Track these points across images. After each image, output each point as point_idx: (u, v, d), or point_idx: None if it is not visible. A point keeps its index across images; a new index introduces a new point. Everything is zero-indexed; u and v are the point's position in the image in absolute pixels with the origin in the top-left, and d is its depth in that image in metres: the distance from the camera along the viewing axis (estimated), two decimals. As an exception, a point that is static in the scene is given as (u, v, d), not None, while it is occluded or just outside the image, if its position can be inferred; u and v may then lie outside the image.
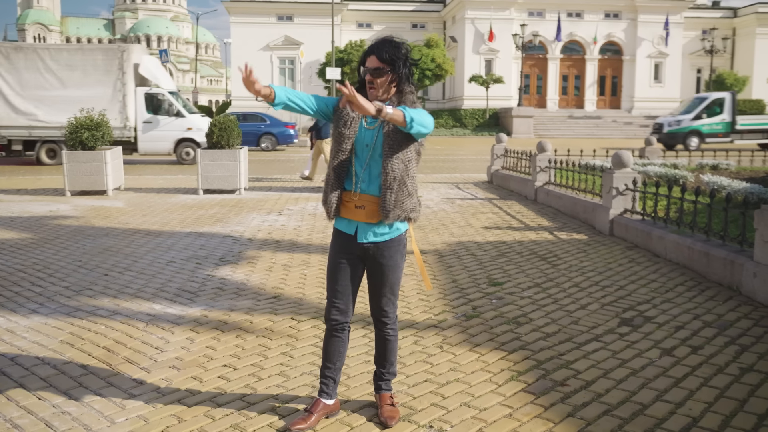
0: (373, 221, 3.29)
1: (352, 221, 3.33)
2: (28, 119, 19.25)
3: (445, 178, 16.20)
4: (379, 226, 3.32)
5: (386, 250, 3.35)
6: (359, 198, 3.28)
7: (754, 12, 54.02)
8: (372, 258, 3.36)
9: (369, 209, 3.28)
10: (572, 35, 50.24)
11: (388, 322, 3.50)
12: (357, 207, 3.28)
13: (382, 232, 3.33)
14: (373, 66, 3.20)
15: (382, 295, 3.43)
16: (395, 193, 3.22)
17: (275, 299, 5.79)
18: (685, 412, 3.56)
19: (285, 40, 50.08)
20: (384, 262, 3.36)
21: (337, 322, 3.44)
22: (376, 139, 3.25)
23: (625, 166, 8.62)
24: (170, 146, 20.62)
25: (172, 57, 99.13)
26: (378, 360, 3.61)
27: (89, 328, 5.00)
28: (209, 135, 13.15)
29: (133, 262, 7.14)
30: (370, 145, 3.26)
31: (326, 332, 3.50)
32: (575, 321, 5.12)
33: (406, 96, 3.27)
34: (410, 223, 3.40)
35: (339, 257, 3.38)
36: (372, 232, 3.32)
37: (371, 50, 3.24)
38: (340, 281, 3.39)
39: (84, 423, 3.49)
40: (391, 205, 3.23)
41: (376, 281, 3.42)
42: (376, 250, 3.34)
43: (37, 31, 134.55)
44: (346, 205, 3.31)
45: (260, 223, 9.64)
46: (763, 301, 5.44)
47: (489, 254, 7.48)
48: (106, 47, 19.88)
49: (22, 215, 10.37)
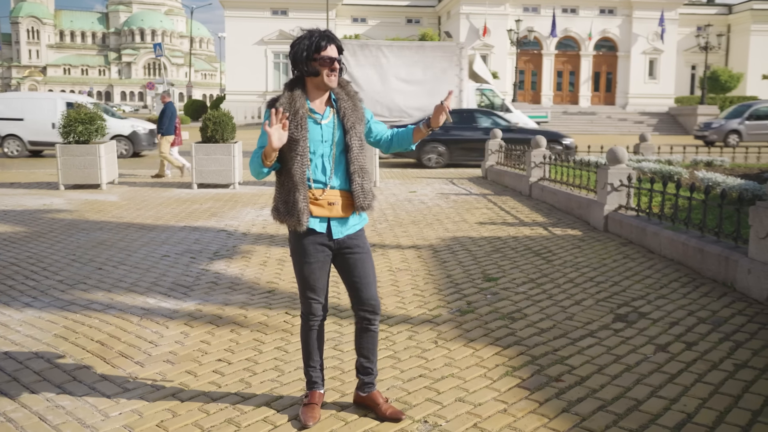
0: (347, 215, 3.30)
1: (324, 219, 3.28)
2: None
3: (439, 174, 16.19)
4: (351, 218, 3.33)
5: (359, 240, 3.36)
6: (329, 194, 3.25)
7: (749, 9, 54.11)
8: (347, 251, 3.34)
9: (343, 203, 3.28)
10: (567, 31, 50.22)
11: (378, 312, 3.45)
12: (330, 204, 3.25)
13: (354, 223, 3.35)
14: (335, 55, 3.20)
15: (369, 283, 3.39)
16: (369, 183, 3.30)
17: (270, 294, 5.78)
18: (679, 408, 3.57)
19: (279, 34, 49.93)
20: (361, 251, 3.36)
21: (321, 318, 3.46)
22: (335, 133, 3.25)
23: (619, 162, 8.63)
24: None
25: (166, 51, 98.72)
26: (365, 356, 3.50)
27: (83, 322, 4.98)
28: (203, 129, 13.13)
29: (127, 256, 7.12)
30: (329, 140, 3.24)
31: (306, 328, 3.46)
32: (570, 317, 5.13)
33: (346, 86, 3.34)
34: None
35: (313, 255, 3.31)
36: (345, 225, 3.32)
37: (329, 39, 3.19)
38: (321, 278, 3.37)
39: (78, 417, 3.47)
40: (368, 194, 3.29)
41: (359, 272, 3.36)
42: (350, 242, 3.33)
43: (30, 24, 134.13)
44: (315, 203, 3.25)
45: (255, 218, 9.62)
46: (758, 298, 5.45)
47: (483, 249, 7.48)
48: (445, 45, 20.41)
49: (15, 209, 10.32)
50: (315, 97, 3.25)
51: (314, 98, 3.25)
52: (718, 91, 47.96)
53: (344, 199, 3.28)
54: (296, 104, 3.19)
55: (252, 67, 49.12)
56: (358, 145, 3.25)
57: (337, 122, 3.26)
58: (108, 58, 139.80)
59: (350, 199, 3.29)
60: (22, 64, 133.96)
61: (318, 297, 3.40)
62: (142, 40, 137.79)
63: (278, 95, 3.27)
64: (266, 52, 50.50)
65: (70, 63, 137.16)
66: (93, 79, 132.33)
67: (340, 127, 3.25)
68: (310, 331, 3.46)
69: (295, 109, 3.17)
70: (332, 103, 3.29)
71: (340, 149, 3.26)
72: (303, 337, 3.50)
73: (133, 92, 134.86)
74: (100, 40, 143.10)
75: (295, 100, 3.19)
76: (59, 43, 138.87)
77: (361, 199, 3.27)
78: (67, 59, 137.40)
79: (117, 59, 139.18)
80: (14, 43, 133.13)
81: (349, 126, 3.24)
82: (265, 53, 50.40)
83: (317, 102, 3.25)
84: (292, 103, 3.19)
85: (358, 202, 3.26)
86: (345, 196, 3.28)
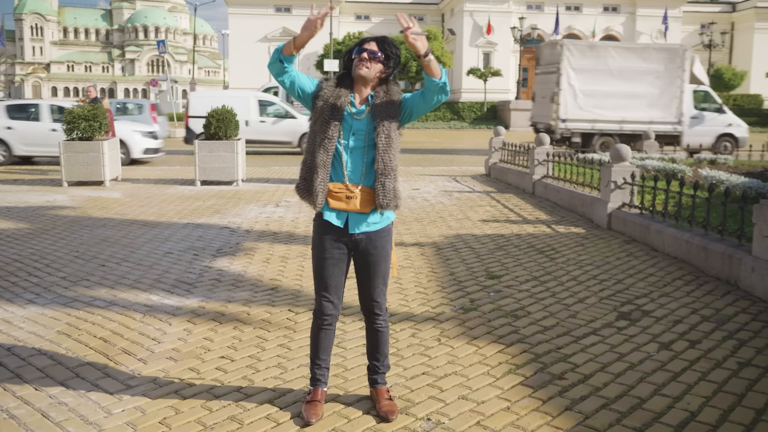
0: (366, 210, 3.28)
1: (342, 212, 3.30)
2: (590, 114, 19.70)
3: (442, 171, 16.18)
4: (371, 216, 3.31)
5: (378, 240, 3.35)
6: (350, 188, 3.26)
7: (753, 6, 54.00)
8: (363, 249, 3.34)
9: (362, 198, 3.26)
10: (570, 28, 50.15)
11: (380, 312, 3.48)
12: (348, 197, 3.26)
13: (374, 221, 3.33)
14: (372, 49, 3.25)
15: (374, 286, 3.42)
16: (392, 182, 3.25)
17: (273, 291, 5.78)
18: (683, 407, 3.56)
19: (283, 31, 49.95)
20: (376, 252, 3.35)
21: (332, 317, 3.43)
22: (368, 128, 3.25)
23: (623, 159, 8.61)
24: (711, 140, 20.93)
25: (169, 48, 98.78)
26: (371, 354, 3.58)
27: (86, 319, 4.99)
28: (206, 126, 13.11)
29: (131, 253, 7.12)
30: (359, 134, 3.25)
31: (316, 326, 3.46)
32: (573, 314, 5.12)
33: (391, 87, 3.32)
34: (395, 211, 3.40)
35: (328, 251, 3.33)
36: (365, 222, 3.31)
37: (374, 38, 3.33)
38: (333, 276, 3.36)
39: (81, 414, 3.48)
40: (389, 193, 3.24)
41: (368, 272, 3.39)
42: (368, 240, 3.33)
43: (34, 21, 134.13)
44: (335, 195, 3.27)
45: (258, 215, 9.62)
46: (761, 296, 5.44)
47: (487, 247, 7.47)
48: (670, 47, 20.35)
49: (19, 205, 10.33)
50: (357, 92, 3.31)
51: (356, 93, 3.31)
52: (721, 89, 47.83)
53: (364, 195, 3.27)
54: (340, 91, 3.27)
55: (255, 64, 49.06)
56: (385, 143, 3.23)
57: (370, 119, 3.26)
58: (111, 55, 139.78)
59: (372, 195, 3.27)
60: (25, 61, 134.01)
61: (328, 294, 3.39)
62: (145, 37, 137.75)
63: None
64: (269, 49, 50.44)
65: (74, 60, 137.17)
66: (96, 76, 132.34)
67: (372, 124, 3.25)
68: (319, 330, 3.45)
69: (337, 94, 3.26)
70: (369, 100, 3.30)
71: (369, 146, 3.26)
72: (312, 334, 3.50)
73: (137, 89, 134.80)
74: (103, 37, 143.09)
75: (339, 87, 3.29)
76: (63, 39, 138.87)
77: (381, 197, 3.24)
78: (71, 56, 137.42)
79: (120, 56, 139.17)
80: (18, 40, 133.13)
81: (378, 123, 3.24)
82: (268, 50, 50.36)
83: (357, 97, 3.31)
84: (336, 89, 3.29)
85: (379, 200, 3.24)
86: (366, 192, 3.27)
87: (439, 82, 3.15)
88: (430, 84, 3.17)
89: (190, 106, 20.86)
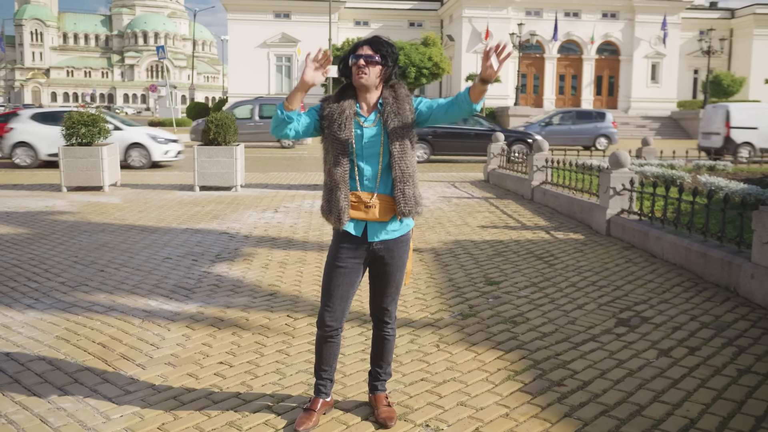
0: (386, 219, 3.26)
1: (360, 222, 3.26)
2: None
3: (441, 177, 16.19)
4: (390, 224, 3.28)
5: (396, 249, 3.32)
6: (369, 197, 3.23)
7: (752, 13, 54.05)
8: (380, 258, 3.32)
9: (382, 207, 3.23)
10: (569, 35, 50.18)
11: (390, 321, 3.48)
12: (367, 207, 3.22)
13: (394, 229, 3.30)
14: (366, 53, 3.21)
15: (387, 294, 3.41)
16: (412, 188, 3.23)
17: (271, 297, 5.77)
18: (682, 414, 3.56)
19: (282, 37, 49.95)
20: (393, 262, 3.33)
21: (332, 329, 3.38)
22: (382, 135, 3.22)
23: (622, 166, 8.62)
24: None
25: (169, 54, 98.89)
26: (374, 360, 3.58)
27: (85, 324, 4.98)
28: (205, 132, 13.12)
29: (129, 258, 7.11)
30: (372, 141, 3.22)
31: (319, 337, 3.43)
32: (572, 321, 5.12)
33: (398, 89, 3.28)
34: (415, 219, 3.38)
35: (342, 261, 3.30)
36: (384, 230, 3.28)
37: (365, 41, 3.26)
38: (340, 286, 3.32)
39: (79, 419, 3.47)
40: (410, 200, 3.23)
41: (383, 281, 3.38)
42: (386, 249, 3.30)
43: (34, 27, 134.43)
44: (353, 205, 3.23)
45: (256, 220, 9.61)
46: (761, 303, 5.44)
47: (486, 253, 7.47)
48: None
49: (18, 210, 10.33)
50: (362, 100, 3.27)
51: (362, 101, 3.27)
52: (720, 95, 47.87)
53: (384, 203, 3.24)
54: (344, 104, 3.23)
55: (254, 69, 49.10)
56: (400, 150, 3.20)
57: (383, 127, 3.23)
58: (111, 60, 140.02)
59: (391, 203, 3.25)
60: (25, 66, 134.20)
61: (330, 304, 3.34)
62: (145, 42, 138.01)
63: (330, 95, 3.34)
64: (269, 54, 50.49)
65: (73, 65, 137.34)
66: (96, 82, 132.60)
67: (385, 131, 3.22)
68: (323, 341, 3.42)
69: (342, 109, 3.21)
70: (378, 107, 3.26)
71: (384, 153, 3.23)
72: (316, 343, 3.47)
73: (136, 95, 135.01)
74: (103, 43, 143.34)
75: (344, 100, 3.24)
76: (62, 45, 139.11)
77: (402, 204, 3.21)
78: (71, 61, 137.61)
79: (120, 62, 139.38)
80: (18, 45, 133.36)
81: (391, 130, 3.20)
82: (267, 56, 50.40)
83: (364, 105, 3.27)
84: (340, 102, 3.24)
85: (399, 208, 3.22)
86: (386, 200, 3.24)
87: (475, 108, 3.16)
88: (467, 105, 3.16)
89: (731, 117, 22.01)
